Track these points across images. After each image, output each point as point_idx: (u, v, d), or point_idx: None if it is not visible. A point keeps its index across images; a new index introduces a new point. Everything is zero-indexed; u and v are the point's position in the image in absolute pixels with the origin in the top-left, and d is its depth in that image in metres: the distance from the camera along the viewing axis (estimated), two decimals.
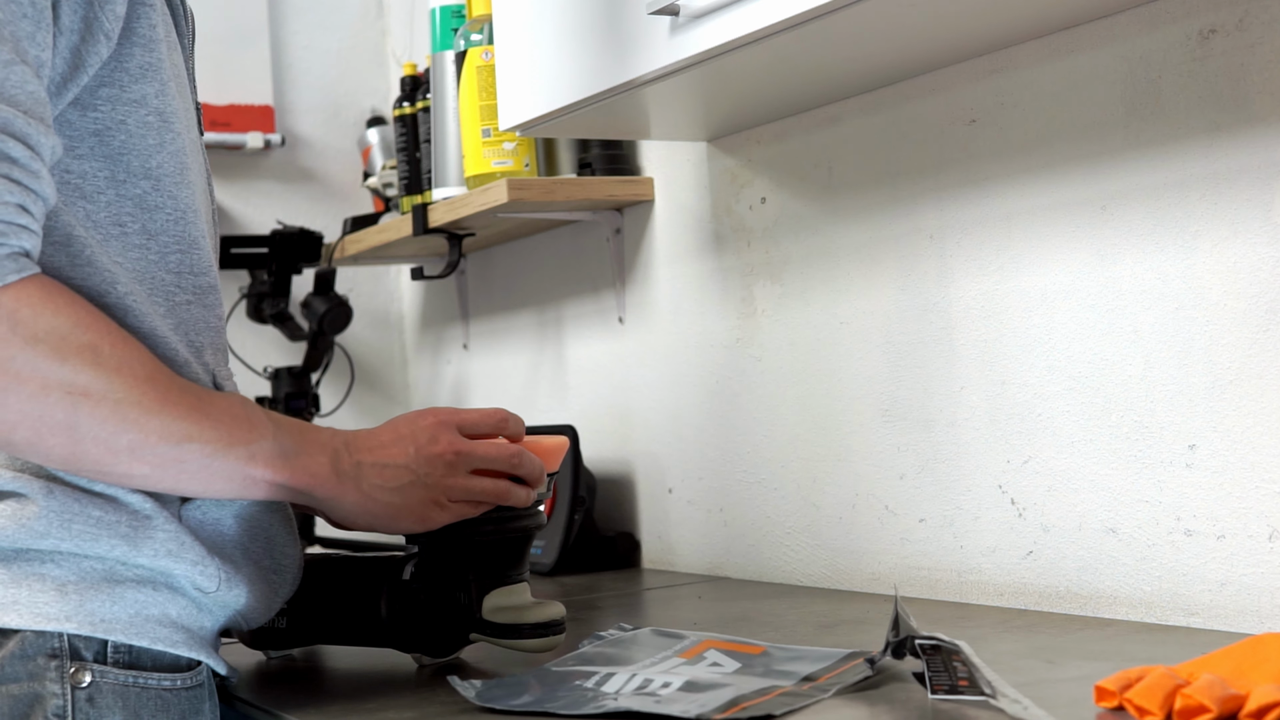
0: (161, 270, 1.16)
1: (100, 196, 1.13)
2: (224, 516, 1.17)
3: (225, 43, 2.81)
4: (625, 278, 2.20)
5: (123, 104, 1.14)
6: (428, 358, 2.87)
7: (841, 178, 1.77)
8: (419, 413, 1.26)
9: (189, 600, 1.15)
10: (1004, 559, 1.56)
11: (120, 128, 1.14)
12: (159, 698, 1.13)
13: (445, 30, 2.19)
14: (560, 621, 1.32)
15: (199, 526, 1.15)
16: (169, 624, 1.13)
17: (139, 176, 1.15)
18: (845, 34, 1.44)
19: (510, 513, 1.32)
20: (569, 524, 2.08)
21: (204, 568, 1.14)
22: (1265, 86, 1.29)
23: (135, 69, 1.14)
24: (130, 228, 1.15)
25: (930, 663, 1.08)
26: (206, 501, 1.15)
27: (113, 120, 1.14)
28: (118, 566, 1.11)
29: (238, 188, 2.84)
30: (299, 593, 1.41)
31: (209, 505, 1.16)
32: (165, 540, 1.12)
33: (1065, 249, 1.48)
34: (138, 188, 1.15)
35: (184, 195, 1.18)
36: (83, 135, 1.13)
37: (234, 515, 1.18)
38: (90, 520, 1.10)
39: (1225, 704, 0.94)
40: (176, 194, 1.17)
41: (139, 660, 1.12)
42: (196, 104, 1.28)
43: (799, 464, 1.86)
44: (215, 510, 1.16)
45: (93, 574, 1.10)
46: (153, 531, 1.11)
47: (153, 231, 1.16)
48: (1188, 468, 1.37)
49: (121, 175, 1.14)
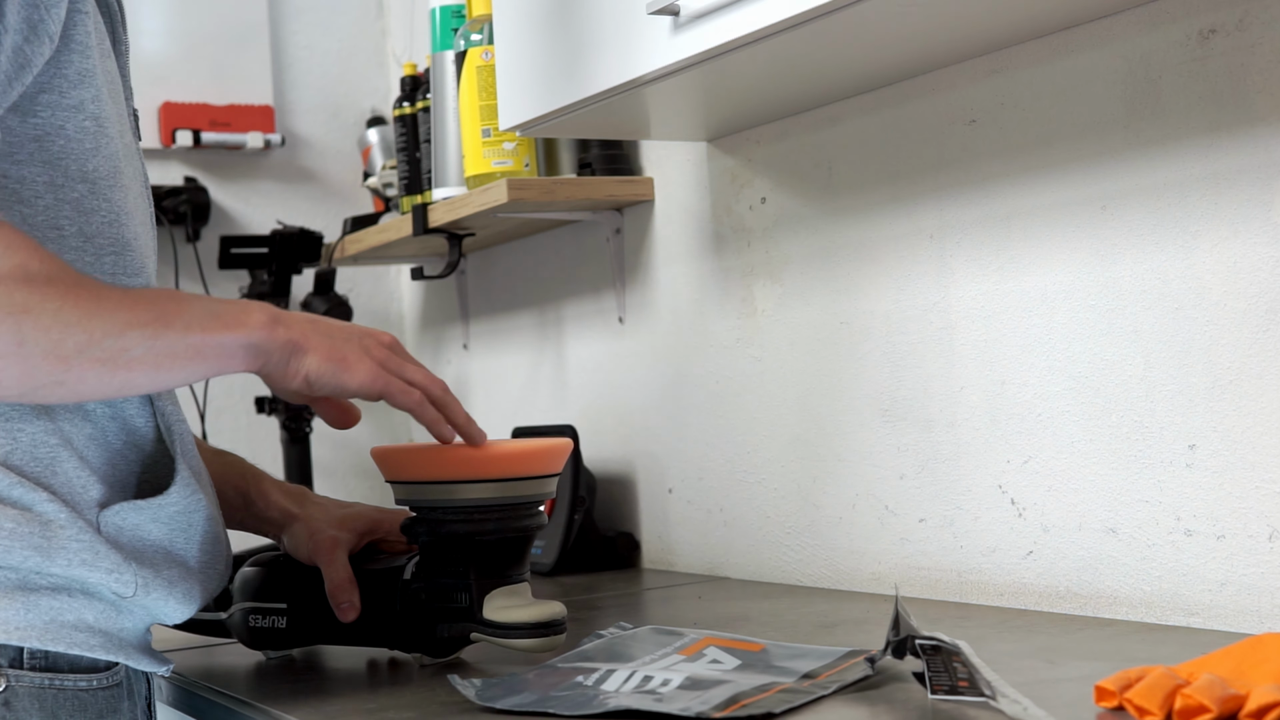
0: (97, 272, 1.17)
1: (38, 201, 1.14)
2: (143, 522, 1.17)
3: (225, 43, 2.82)
4: (625, 278, 2.20)
5: (62, 109, 1.15)
6: (428, 358, 2.87)
7: (841, 178, 1.77)
8: None
9: (106, 604, 1.15)
10: (1004, 559, 1.57)
11: (59, 133, 1.15)
12: (75, 698, 1.14)
13: (445, 30, 2.19)
14: (560, 621, 1.32)
15: (117, 533, 1.15)
16: (85, 629, 1.14)
17: (76, 180, 1.16)
18: (845, 34, 1.44)
19: (511, 512, 1.32)
20: (569, 524, 2.08)
21: (119, 575, 1.14)
22: (1265, 86, 1.29)
23: (74, 75, 1.15)
24: (68, 230, 1.15)
25: (930, 663, 1.08)
26: (125, 507, 1.16)
27: (52, 125, 1.15)
28: (32, 576, 1.11)
29: (238, 188, 2.84)
30: (299, 593, 1.41)
31: (127, 511, 1.16)
32: (79, 550, 1.12)
33: (1065, 249, 1.48)
34: (75, 191, 1.16)
35: (118, 198, 1.19)
36: (23, 141, 1.14)
37: (154, 520, 1.18)
38: (2, 533, 1.10)
39: (1225, 704, 0.94)
40: (111, 197, 1.18)
41: (55, 664, 1.13)
42: (134, 110, 1.29)
43: (799, 464, 1.86)
44: (134, 516, 1.16)
45: (6, 583, 1.11)
46: (66, 542, 1.12)
47: (89, 234, 1.17)
48: (1188, 468, 1.37)
49: (60, 179, 1.15)
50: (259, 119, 2.81)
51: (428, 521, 1.33)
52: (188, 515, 1.20)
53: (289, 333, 1.17)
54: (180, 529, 1.20)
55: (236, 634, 1.46)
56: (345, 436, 2.85)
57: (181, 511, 1.19)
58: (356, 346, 1.22)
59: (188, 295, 1.17)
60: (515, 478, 1.32)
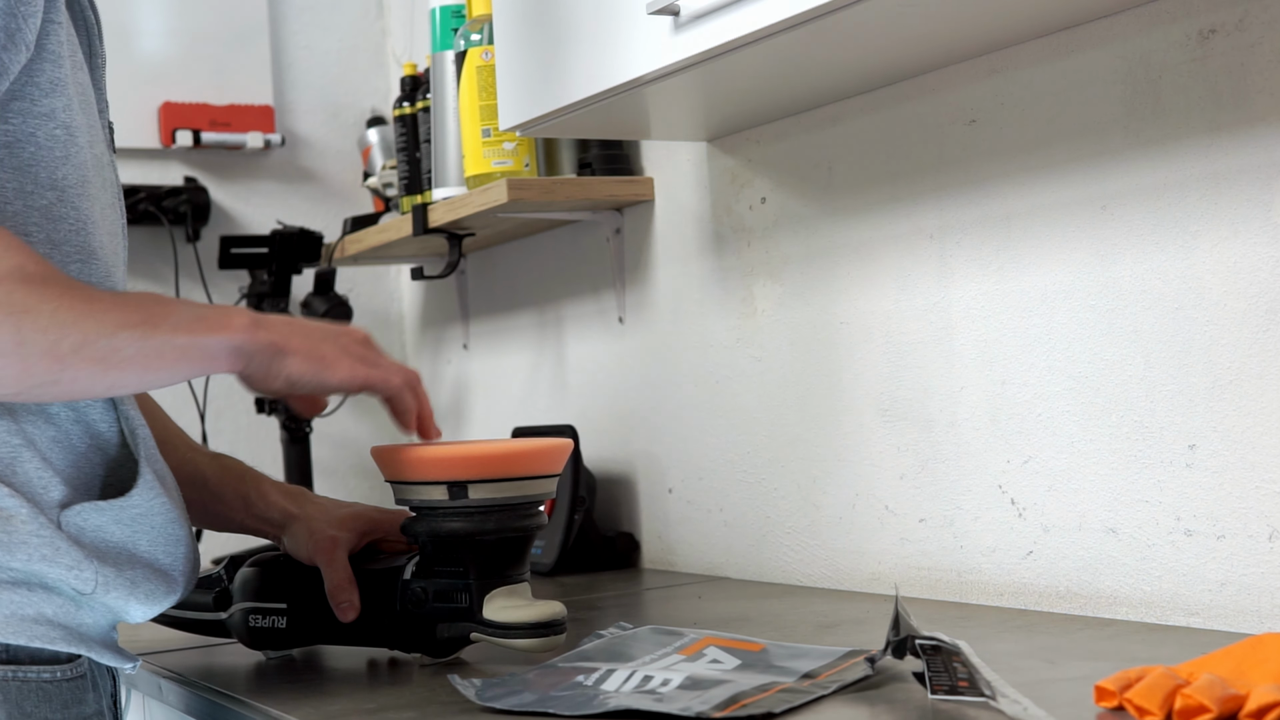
0: None
1: (7, 207, 1.15)
2: (106, 523, 1.18)
3: (225, 43, 2.81)
4: (625, 278, 2.20)
5: (33, 117, 1.16)
6: (428, 358, 2.87)
7: (841, 178, 1.77)
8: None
9: (66, 599, 1.16)
10: (1004, 559, 1.57)
11: (30, 140, 1.16)
12: (40, 689, 1.15)
13: (445, 30, 2.19)
14: (560, 621, 1.32)
15: (79, 532, 1.16)
16: (45, 622, 1.15)
17: (45, 188, 1.17)
18: (845, 34, 1.44)
19: (511, 512, 1.32)
20: (569, 524, 2.08)
21: (79, 571, 1.15)
22: (1265, 86, 1.29)
23: (45, 84, 1.16)
24: (36, 237, 1.16)
25: (930, 663, 1.08)
26: (87, 508, 1.17)
27: (23, 133, 1.16)
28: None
29: (238, 188, 2.84)
30: (299, 593, 1.41)
31: (89, 511, 1.17)
32: (39, 545, 1.13)
33: (1065, 249, 1.48)
34: (44, 198, 1.17)
35: (85, 206, 1.20)
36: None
37: (116, 521, 1.19)
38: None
39: (1225, 704, 0.94)
40: (79, 205, 1.19)
41: (17, 656, 1.14)
42: (109, 123, 1.30)
43: (799, 464, 1.86)
44: (96, 516, 1.17)
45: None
46: (26, 537, 1.13)
47: (56, 241, 1.18)
48: (1188, 468, 1.37)
49: (30, 186, 1.16)
50: (259, 119, 2.81)
51: (428, 521, 1.33)
52: (150, 517, 1.21)
53: (270, 335, 1.19)
54: (143, 530, 1.21)
55: (236, 634, 1.46)
56: (345, 436, 2.85)
57: (144, 513, 1.20)
58: (334, 345, 1.24)
59: (170, 299, 1.19)
60: (515, 478, 1.32)
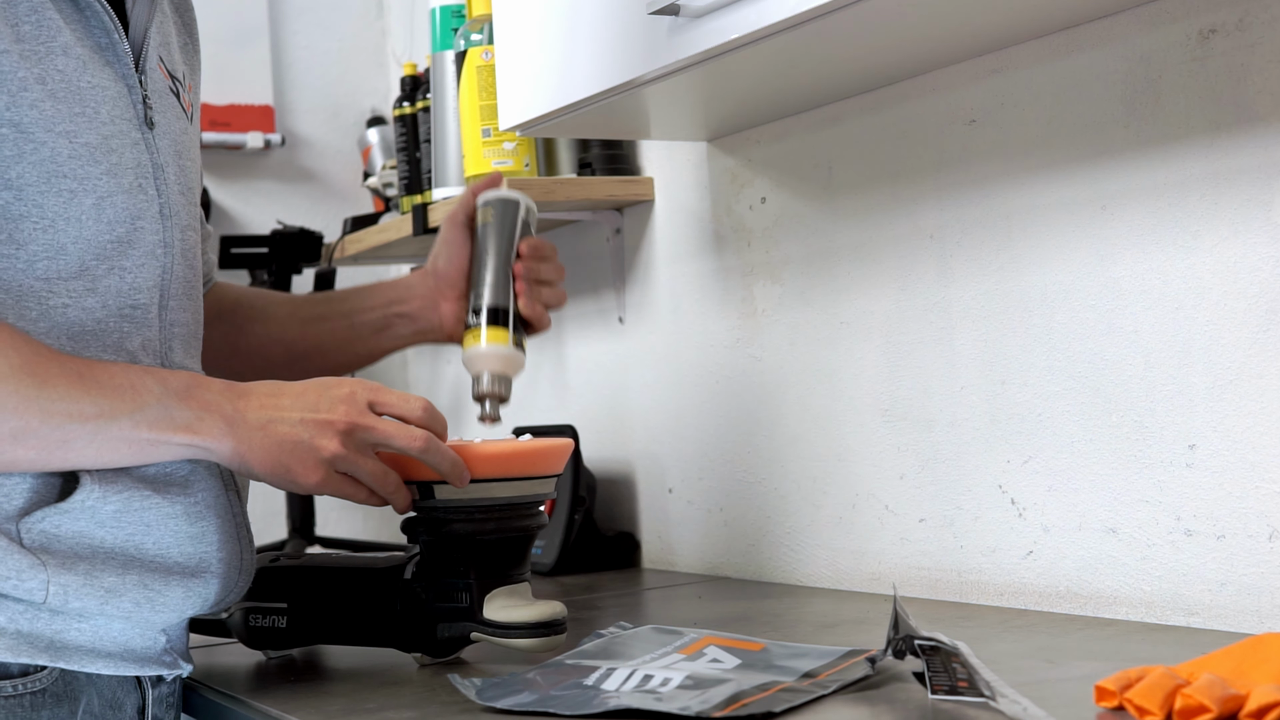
0: (29, 278, 1.16)
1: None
2: (86, 527, 1.16)
3: (225, 43, 2.81)
4: (625, 278, 2.20)
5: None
6: (428, 357, 2.87)
7: (841, 178, 1.77)
8: (340, 380, 1.26)
9: (25, 605, 1.14)
10: (1004, 559, 1.57)
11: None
12: (2, 703, 1.14)
13: (445, 30, 2.19)
14: (561, 621, 1.32)
15: (46, 540, 1.14)
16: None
17: (0, 188, 1.15)
18: (845, 34, 1.44)
19: (511, 512, 1.32)
20: (569, 524, 2.08)
21: (18, 582, 1.13)
22: (1265, 86, 1.29)
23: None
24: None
25: (930, 663, 1.08)
26: (49, 512, 1.15)
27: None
28: None
29: (238, 188, 2.84)
30: (299, 593, 1.41)
31: (53, 515, 1.15)
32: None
33: (1065, 249, 1.48)
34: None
35: (51, 203, 1.17)
36: None
37: (94, 523, 1.17)
38: None
39: (1225, 704, 0.94)
40: (43, 202, 1.16)
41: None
42: (138, 103, 1.24)
43: (799, 464, 1.86)
44: (64, 521, 1.15)
45: None
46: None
47: (20, 240, 1.16)
48: (1188, 468, 1.37)
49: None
50: (259, 119, 2.81)
51: (428, 521, 1.33)
52: (141, 513, 1.19)
53: (236, 445, 1.19)
54: (140, 528, 1.19)
55: (236, 634, 1.46)
56: None
57: (122, 510, 1.18)
58: (306, 450, 1.21)
59: (146, 380, 1.16)
60: (515, 478, 1.32)
